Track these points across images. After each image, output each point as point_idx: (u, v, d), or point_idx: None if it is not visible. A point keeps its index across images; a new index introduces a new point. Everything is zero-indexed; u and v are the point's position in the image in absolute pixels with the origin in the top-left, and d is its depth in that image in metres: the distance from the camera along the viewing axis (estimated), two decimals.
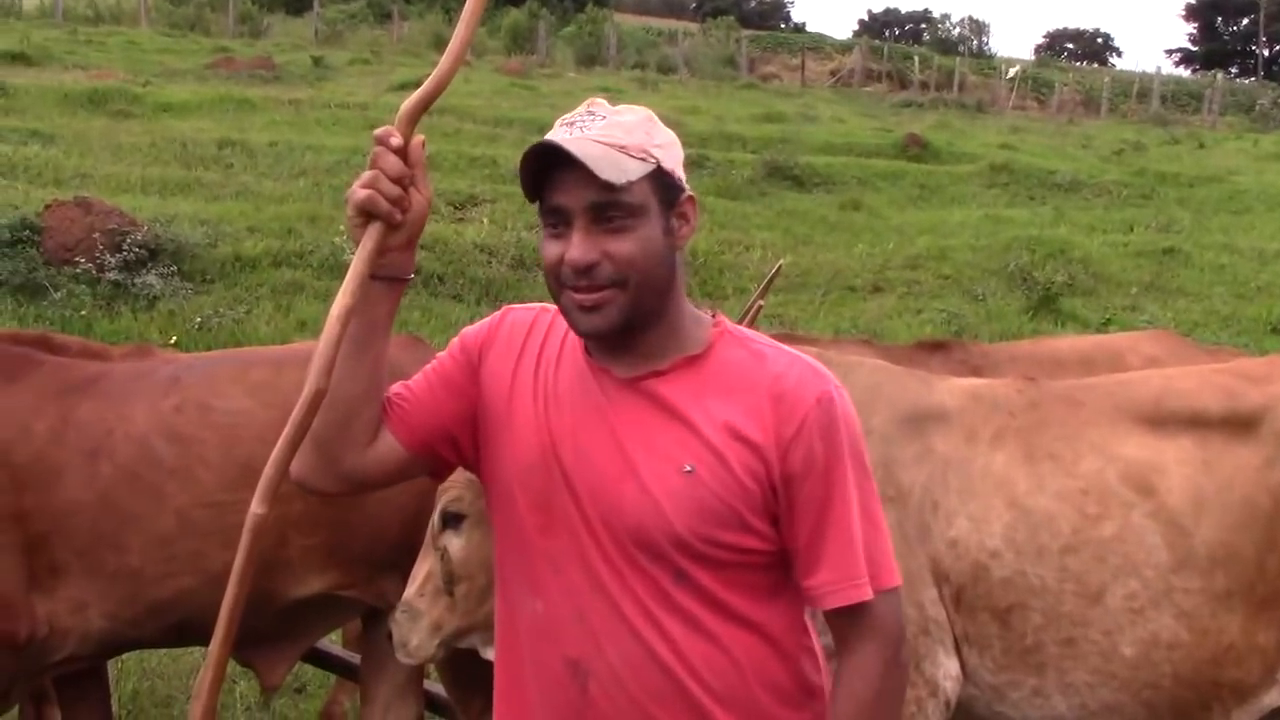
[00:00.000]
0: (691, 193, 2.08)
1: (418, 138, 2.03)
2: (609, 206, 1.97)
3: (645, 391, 2.05)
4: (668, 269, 2.04)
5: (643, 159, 1.99)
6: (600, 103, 2.08)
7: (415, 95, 2.03)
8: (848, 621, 2.06)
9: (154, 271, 10.38)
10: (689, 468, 2.00)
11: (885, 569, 2.06)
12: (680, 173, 2.06)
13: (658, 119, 2.07)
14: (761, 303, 3.98)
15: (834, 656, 2.12)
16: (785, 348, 2.10)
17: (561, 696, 2.09)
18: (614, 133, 1.99)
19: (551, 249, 2.02)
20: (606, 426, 2.05)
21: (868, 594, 2.03)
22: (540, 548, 2.10)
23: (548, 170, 1.99)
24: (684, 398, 2.04)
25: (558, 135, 2.00)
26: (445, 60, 2.02)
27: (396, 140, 2.00)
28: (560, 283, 2.01)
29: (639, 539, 2.02)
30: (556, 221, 2.01)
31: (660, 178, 2.01)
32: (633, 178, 1.97)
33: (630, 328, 2.03)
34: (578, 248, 1.98)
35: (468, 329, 2.25)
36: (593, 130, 1.99)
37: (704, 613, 2.04)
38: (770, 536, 2.05)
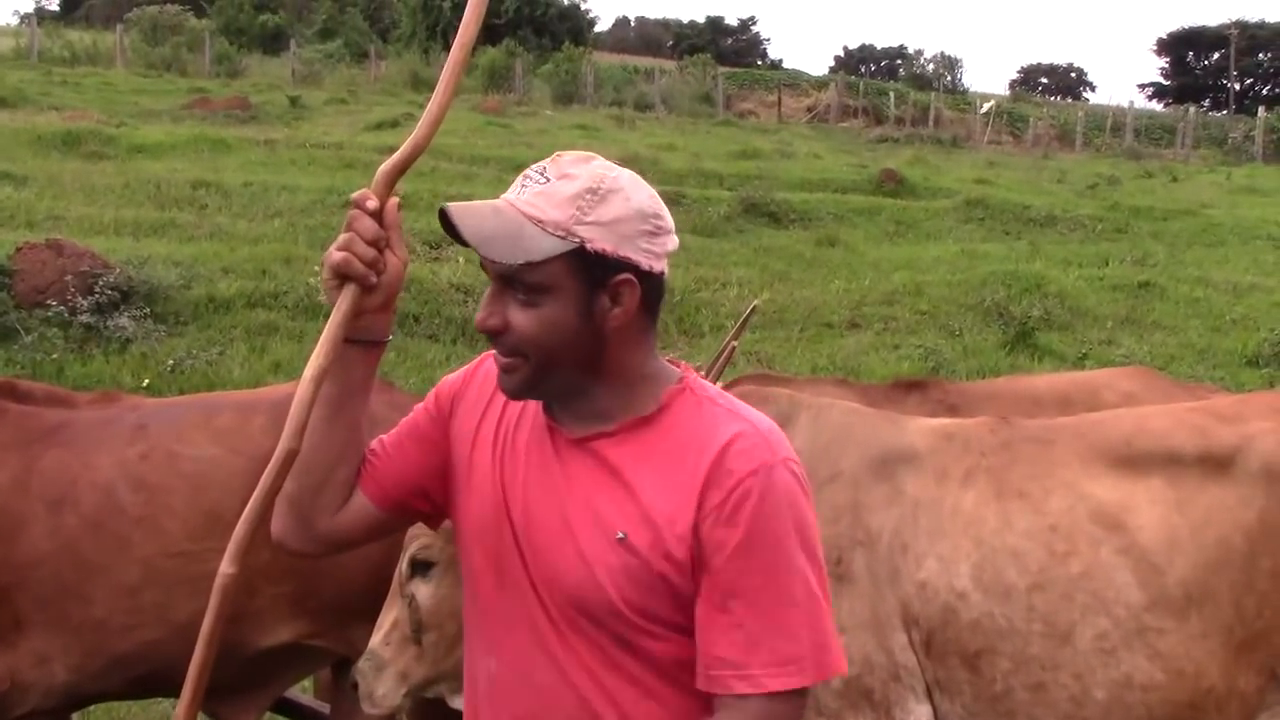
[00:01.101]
0: (636, 272, 1.94)
1: (393, 200, 2.00)
2: (511, 279, 1.93)
3: (592, 452, 2.00)
4: (583, 348, 1.95)
5: (561, 237, 1.89)
6: (563, 159, 1.99)
7: (392, 159, 2.01)
8: (747, 706, 1.92)
9: (126, 314, 10.30)
10: (621, 535, 1.94)
11: (825, 662, 1.93)
12: (626, 250, 1.92)
13: (622, 188, 1.95)
14: (735, 343, 3.97)
15: None
16: (746, 412, 2.01)
17: None
18: (541, 202, 1.91)
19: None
20: (552, 485, 2.01)
21: (799, 680, 1.91)
22: (495, 604, 2.06)
23: None
24: (628, 461, 1.98)
25: (511, 188, 1.96)
26: (423, 124, 2.00)
27: (372, 203, 1.97)
28: None
29: (578, 605, 1.97)
30: (489, 274, 1.98)
31: (583, 258, 1.91)
32: (534, 258, 1.88)
33: (547, 394, 2.00)
34: (482, 309, 1.96)
35: (446, 377, 2.23)
36: (527, 194, 1.93)
37: (649, 677, 1.99)
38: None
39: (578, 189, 1.92)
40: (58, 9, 70.43)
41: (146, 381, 9.36)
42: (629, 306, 1.96)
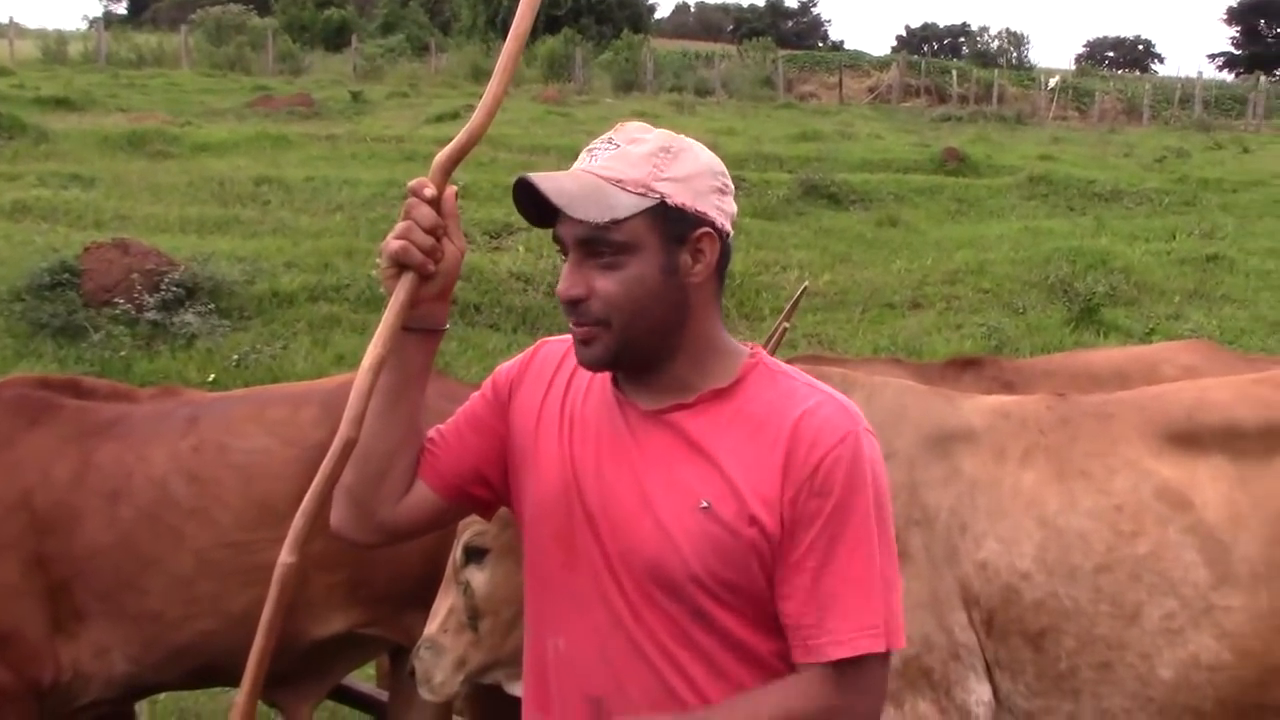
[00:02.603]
0: (714, 227, 1.99)
1: (451, 188, 2.00)
2: (596, 242, 1.93)
3: (669, 424, 2.00)
4: (667, 308, 1.97)
5: (641, 194, 1.93)
6: (626, 127, 2.03)
7: (449, 147, 2.00)
8: (838, 675, 1.94)
9: (192, 310, 10.42)
10: (705, 504, 1.95)
11: (897, 630, 1.96)
12: (702, 206, 1.97)
13: (691, 146, 2.00)
14: (786, 325, 3.93)
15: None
16: (821, 385, 2.03)
17: None
18: (617, 165, 1.95)
19: (561, 278, 2.00)
20: (628, 459, 2.01)
21: (880, 645, 1.93)
22: (563, 583, 2.06)
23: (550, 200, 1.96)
24: (707, 432, 1.99)
25: (578, 162, 1.98)
26: (480, 112, 2.00)
27: (430, 191, 1.97)
28: (565, 313, 2.00)
29: (654, 576, 1.97)
30: (562, 250, 1.99)
31: (665, 213, 1.94)
32: (620, 215, 1.91)
33: (628, 363, 1.99)
34: (564, 281, 1.96)
35: (502, 365, 2.23)
36: (600, 161, 1.96)
37: (722, 653, 1.99)
38: None
39: (651, 149, 1.96)
40: (125, 12, 71.49)
41: (212, 376, 9.46)
42: (710, 261, 2.00)
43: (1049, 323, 12.37)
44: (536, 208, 1.96)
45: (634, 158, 1.95)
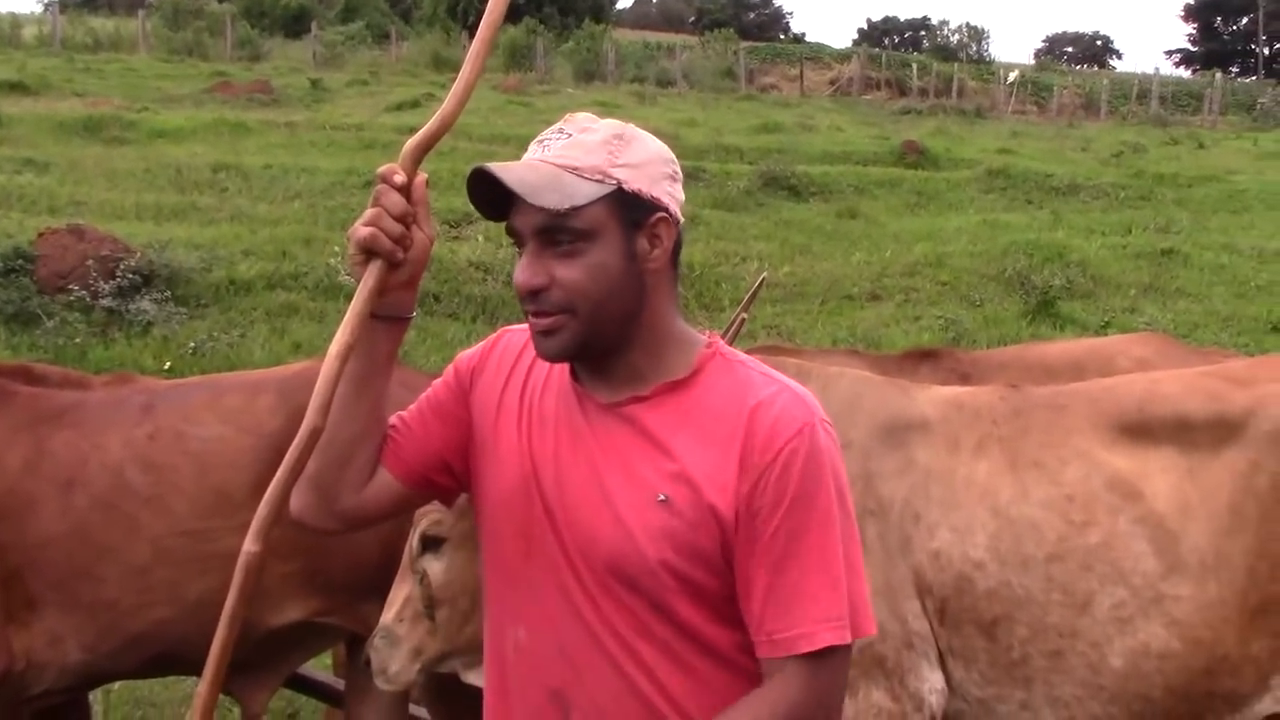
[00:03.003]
0: (668, 213, 1.99)
1: (421, 176, 1.99)
2: (555, 230, 1.92)
3: (626, 417, 2.00)
4: (629, 295, 1.97)
5: (599, 180, 1.92)
6: (576, 117, 2.03)
7: (420, 133, 1.99)
8: (804, 669, 1.93)
9: (148, 297, 10.36)
10: (663, 497, 1.94)
11: (865, 618, 1.96)
12: (656, 191, 1.97)
13: (641, 135, 2.00)
14: (745, 316, 3.94)
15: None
16: (777, 375, 2.02)
17: None
18: (572, 152, 1.94)
19: (516, 270, 1.98)
20: (585, 452, 2.01)
21: (845, 637, 1.93)
22: (522, 575, 2.06)
23: (506, 191, 1.94)
24: (664, 424, 1.98)
25: (529, 153, 1.97)
26: (450, 100, 1.99)
27: (400, 178, 1.96)
28: (522, 305, 1.98)
29: (613, 569, 1.97)
30: (517, 242, 1.98)
31: (622, 199, 1.94)
32: (579, 202, 1.90)
33: (591, 353, 1.98)
34: (523, 271, 1.95)
35: (463, 353, 2.22)
36: (553, 150, 1.95)
37: (682, 645, 1.99)
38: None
39: (604, 136, 1.96)
40: None
41: (169, 364, 9.41)
42: (667, 246, 2.00)
43: (1006, 315, 12.47)
44: (490, 199, 1.95)
45: (588, 145, 1.95)
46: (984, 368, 4.47)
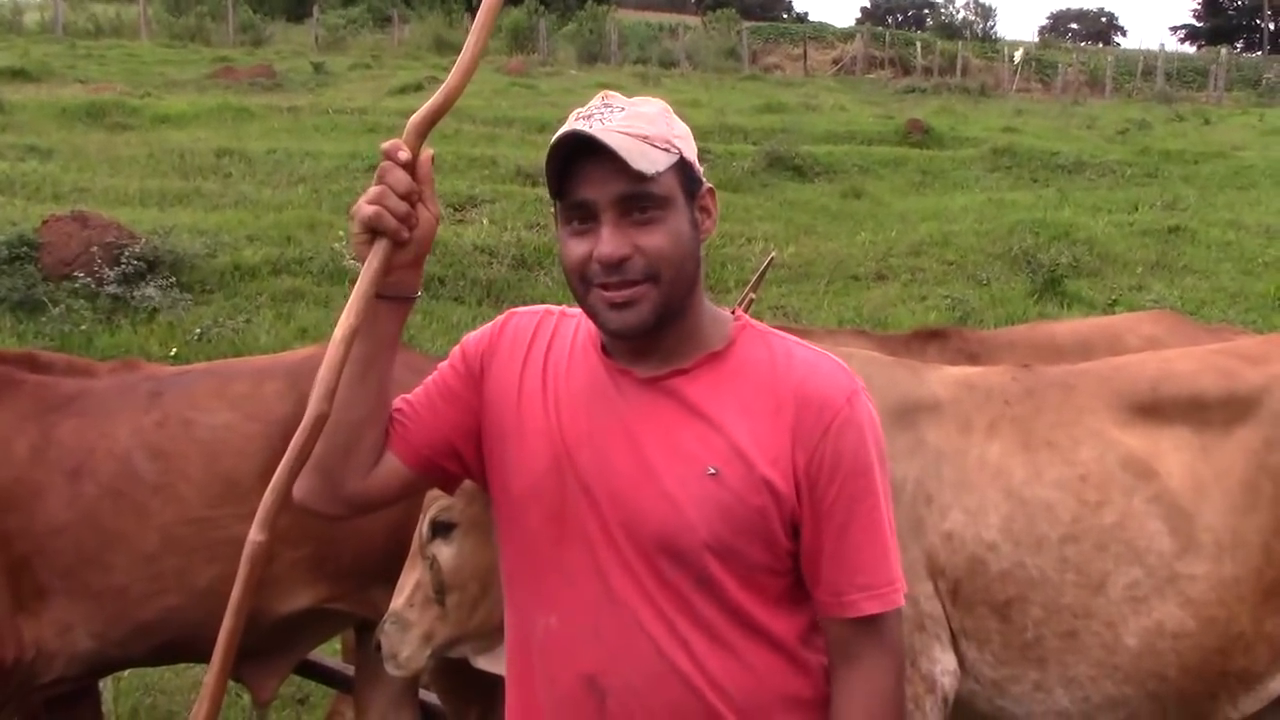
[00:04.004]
0: (710, 185, 2.04)
1: (426, 152, 1.96)
2: (639, 198, 1.91)
3: (668, 391, 1.99)
4: (695, 262, 1.99)
5: (667, 149, 1.93)
6: (614, 95, 2.02)
7: (424, 109, 1.96)
8: (863, 632, 2.00)
9: (153, 283, 10.32)
10: (713, 470, 1.94)
11: (902, 580, 2.03)
12: (698, 165, 2.01)
13: (672, 111, 2.02)
14: (754, 295, 3.92)
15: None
16: (808, 345, 2.05)
17: (579, 713, 2.03)
18: (637, 123, 1.93)
19: (576, 247, 1.94)
20: (625, 428, 1.99)
21: (899, 600, 2.00)
22: (553, 560, 2.04)
23: (570, 164, 1.92)
24: (708, 397, 1.98)
25: (578, 126, 1.93)
26: (455, 73, 1.96)
27: (404, 155, 1.93)
28: (587, 281, 1.94)
29: (661, 543, 1.96)
30: (583, 217, 1.94)
31: (684, 169, 1.96)
32: (660, 168, 1.91)
33: (661, 323, 1.96)
34: (609, 242, 1.91)
35: (469, 336, 2.19)
36: (614, 121, 1.93)
37: (724, 623, 1.98)
38: (792, 543, 1.99)
39: (657, 110, 1.99)
40: None
41: (174, 350, 9.39)
42: (714, 216, 2.05)
43: (1013, 294, 12.42)
44: (561, 170, 1.93)
45: (649, 116, 1.96)
46: (992, 347, 4.45)
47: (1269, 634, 2.90)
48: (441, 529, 3.06)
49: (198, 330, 9.86)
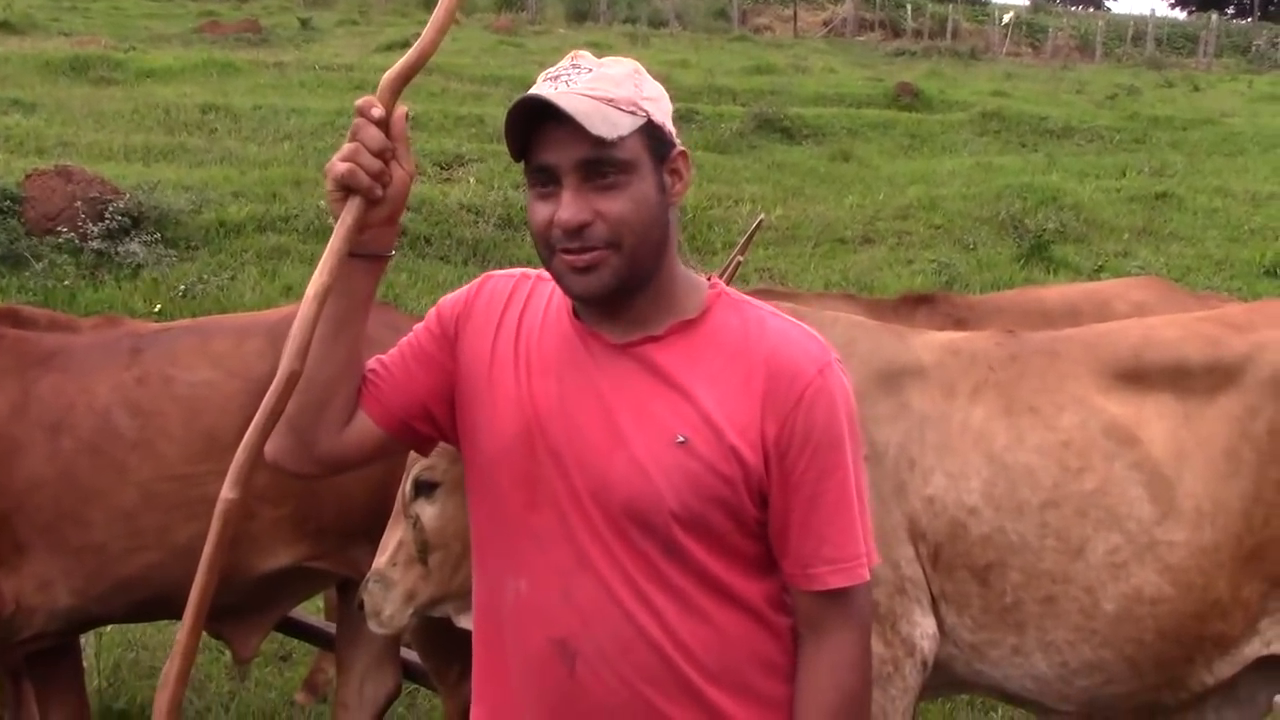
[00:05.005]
0: (683, 148, 2.00)
1: (400, 109, 1.94)
2: (600, 163, 1.88)
3: (638, 357, 1.97)
4: (661, 228, 1.95)
5: (633, 112, 1.90)
6: (584, 55, 1.98)
7: (397, 65, 1.93)
8: (830, 605, 1.99)
9: (137, 240, 10.26)
10: (682, 439, 1.92)
11: (872, 552, 2.01)
12: (670, 127, 1.97)
13: (645, 71, 1.98)
14: (741, 258, 3.92)
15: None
16: (782, 314, 2.03)
17: (548, 677, 2.02)
18: (602, 85, 1.90)
19: (540, 210, 1.92)
20: (596, 394, 1.98)
21: (865, 575, 1.98)
22: (524, 525, 2.02)
23: (533, 127, 1.90)
24: (679, 364, 1.96)
25: (542, 90, 1.90)
26: (429, 29, 1.92)
27: (378, 112, 1.91)
28: (550, 245, 1.92)
29: (629, 511, 1.94)
30: (545, 180, 1.92)
31: (651, 132, 1.92)
32: (623, 132, 1.87)
33: (625, 289, 1.94)
34: (568, 208, 1.89)
35: (445, 298, 2.17)
36: (579, 84, 1.90)
37: (694, 589, 1.97)
38: (760, 513, 1.98)
39: (626, 70, 1.95)
40: None
41: (158, 307, 9.35)
42: (686, 180, 2.00)
43: (999, 259, 12.44)
44: (521, 133, 1.91)
45: (616, 78, 1.92)
46: (980, 313, 4.45)
47: (1245, 599, 2.92)
48: (425, 488, 3.06)
49: (182, 287, 9.82)
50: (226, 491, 1.88)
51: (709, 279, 2.07)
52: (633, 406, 1.96)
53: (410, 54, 1.93)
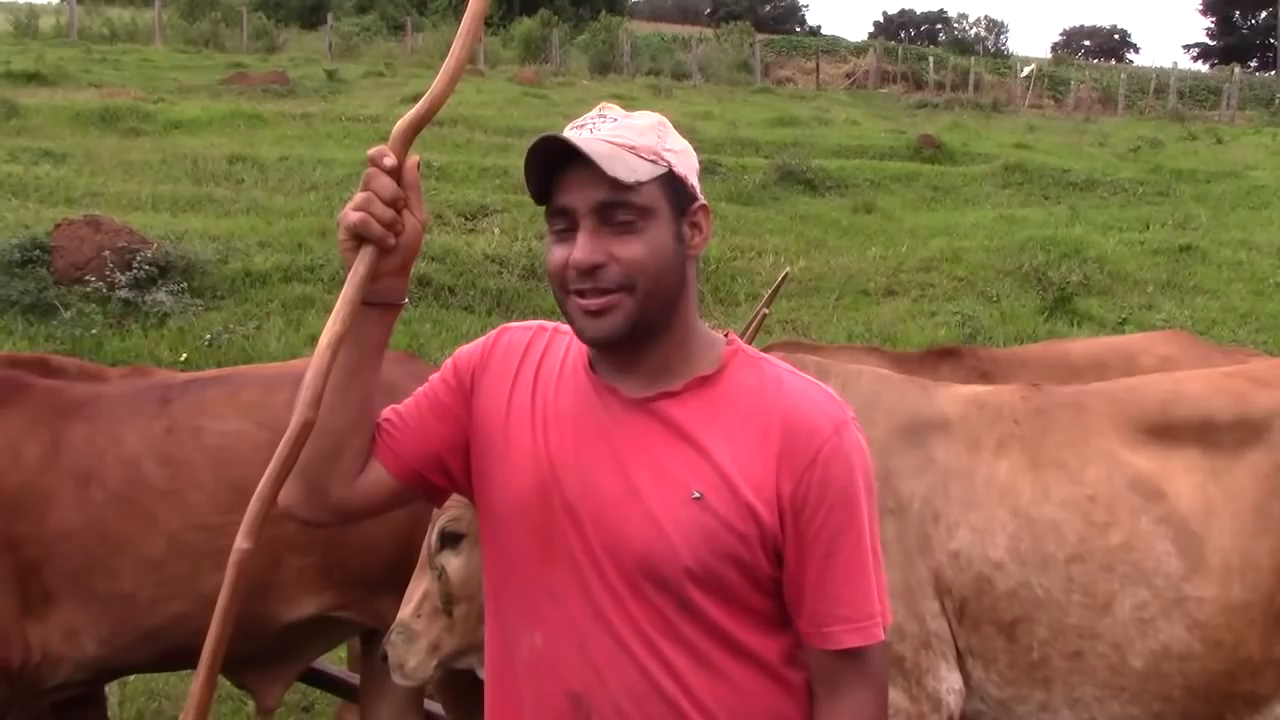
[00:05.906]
0: (705, 202, 2.01)
1: (412, 158, 1.95)
2: (617, 206, 1.89)
3: (655, 413, 1.97)
4: (677, 277, 1.96)
5: (653, 161, 1.92)
6: (612, 106, 2.01)
7: (409, 115, 1.94)
8: (845, 664, 1.98)
9: (164, 289, 10.33)
10: (697, 494, 1.92)
11: (888, 612, 2.00)
12: (694, 181, 1.98)
13: (670, 125, 2.00)
14: (766, 311, 3.92)
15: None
16: (799, 373, 2.03)
17: None
18: (624, 133, 1.92)
19: (556, 252, 1.94)
20: (611, 449, 1.98)
21: (880, 635, 1.97)
22: (539, 578, 2.02)
23: (554, 170, 1.92)
24: (695, 421, 1.96)
25: (566, 135, 1.93)
26: (441, 78, 1.93)
27: (390, 161, 1.92)
28: (565, 287, 1.94)
29: (643, 567, 1.94)
30: (563, 223, 1.94)
31: (672, 183, 1.94)
32: (642, 178, 1.89)
33: (637, 336, 1.94)
34: (582, 249, 1.90)
35: (461, 349, 2.18)
36: (603, 131, 1.93)
37: (708, 644, 1.97)
38: (775, 570, 1.98)
39: (651, 122, 1.98)
40: None
41: (184, 356, 9.40)
42: (706, 235, 2.01)
43: (1023, 311, 12.42)
44: (543, 176, 1.93)
45: (639, 128, 1.95)
46: (1005, 366, 4.45)
47: (1277, 658, 2.89)
48: (450, 539, 3.05)
49: (208, 336, 9.87)
50: (240, 541, 1.88)
51: (726, 335, 2.07)
52: (648, 462, 1.96)
53: (422, 103, 1.94)
